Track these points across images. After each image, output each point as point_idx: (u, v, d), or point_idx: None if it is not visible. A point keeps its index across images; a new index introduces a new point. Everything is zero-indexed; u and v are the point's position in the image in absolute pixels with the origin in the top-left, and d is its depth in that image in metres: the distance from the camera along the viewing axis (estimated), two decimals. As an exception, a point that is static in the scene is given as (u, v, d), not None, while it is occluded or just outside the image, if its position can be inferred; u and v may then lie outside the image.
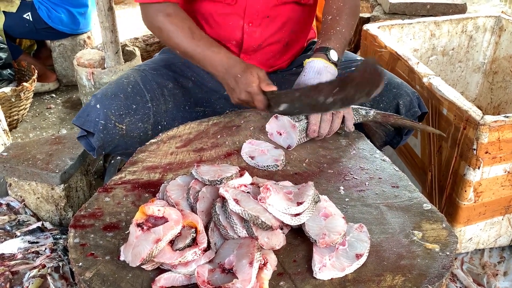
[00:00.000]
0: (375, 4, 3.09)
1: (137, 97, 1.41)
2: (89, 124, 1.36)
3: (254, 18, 1.45)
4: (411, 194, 1.05)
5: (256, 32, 1.47)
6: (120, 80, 1.45)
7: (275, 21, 1.47)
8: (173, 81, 1.51)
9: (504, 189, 1.51)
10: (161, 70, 1.51)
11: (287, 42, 1.54)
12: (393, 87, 1.43)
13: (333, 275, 0.83)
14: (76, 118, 1.39)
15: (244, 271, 0.80)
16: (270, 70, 1.58)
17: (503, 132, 1.39)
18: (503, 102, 2.24)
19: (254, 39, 1.49)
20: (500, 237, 1.64)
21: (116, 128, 1.36)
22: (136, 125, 1.39)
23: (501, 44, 2.23)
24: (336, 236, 0.87)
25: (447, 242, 0.90)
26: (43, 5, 3.03)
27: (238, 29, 1.47)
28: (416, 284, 0.81)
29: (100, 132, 1.35)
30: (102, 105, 1.36)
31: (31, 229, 1.63)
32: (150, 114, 1.42)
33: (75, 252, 0.91)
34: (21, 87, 2.64)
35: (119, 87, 1.41)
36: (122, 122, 1.37)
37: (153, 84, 1.46)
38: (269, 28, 1.48)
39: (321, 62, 1.25)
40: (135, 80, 1.44)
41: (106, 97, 1.38)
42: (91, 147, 1.41)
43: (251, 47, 1.51)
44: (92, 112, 1.36)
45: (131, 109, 1.39)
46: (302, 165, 1.18)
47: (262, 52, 1.53)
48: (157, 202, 0.93)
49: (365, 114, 1.33)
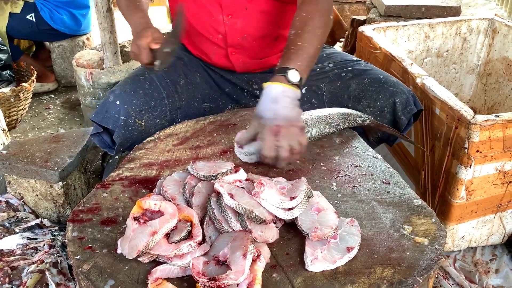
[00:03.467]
0: (371, 6, 3.12)
1: (155, 94, 1.43)
2: (108, 121, 1.38)
3: (233, 10, 1.47)
4: (402, 190, 1.07)
5: (237, 24, 1.49)
6: (136, 76, 1.47)
7: (257, 14, 1.49)
8: (183, 77, 1.54)
9: (496, 187, 1.54)
10: (172, 67, 1.53)
11: (276, 37, 1.55)
12: (390, 86, 1.45)
13: (325, 267, 0.85)
14: (95, 114, 1.40)
15: (237, 263, 0.82)
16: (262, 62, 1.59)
17: (493, 131, 1.42)
18: (497, 103, 2.27)
19: (237, 32, 1.51)
20: (492, 235, 1.66)
21: (136, 124, 1.38)
22: (154, 122, 1.42)
23: (494, 46, 2.26)
24: (328, 230, 0.90)
25: (436, 236, 0.93)
26: (45, 7, 3.05)
27: (220, 23, 1.50)
28: (405, 276, 0.83)
29: (121, 128, 1.37)
30: (122, 101, 1.38)
31: (29, 226, 1.65)
32: (167, 111, 1.45)
33: (73, 246, 0.93)
34: (20, 88, 2.66)
35: (137, 84, 1.43)
36: (142, 118, 1.39)
37: (168, 81, 1.49)
38: (250, 21, 1.49)
39: (279, 87, 1.16)
40: (151, 77, 1.47)
41: (125, 93, 1.39)
42: (105, 144, 1.43)
43: (235, 40, 1.53)
44: (111, 109, 1.38)
45: (150, 105, 1.41)
46: (296, 162, 1.20)
47: (249, 46, 1.54)
48: (154, 197, 0.96)
49: (361, 122, 1.36)
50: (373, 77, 1.48)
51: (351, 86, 1.48)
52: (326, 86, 1.52)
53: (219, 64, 1.61)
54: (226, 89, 1.61)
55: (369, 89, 1.46)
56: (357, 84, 1.48)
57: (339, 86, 1.50)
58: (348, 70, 1.53)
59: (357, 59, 1.61)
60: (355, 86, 1.48)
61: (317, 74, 1.55)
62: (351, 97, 1.47)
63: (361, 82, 1.48)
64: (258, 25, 1.51)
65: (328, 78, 1.53)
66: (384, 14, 2.88)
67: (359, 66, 1.54)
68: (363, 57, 2.13)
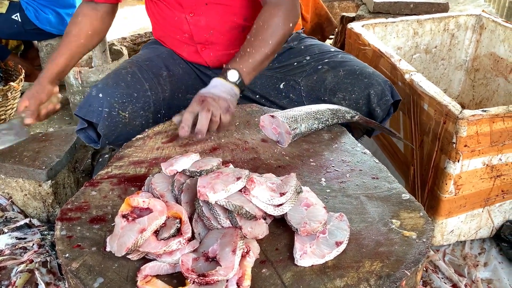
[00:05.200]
0: (360, 3, 3.14)
1: (137, 86, 1.43)
2: (92, 114, 1.38)
3: (193, 7, 1.48)
4: (391, 185, 1.08)
5: (201, 21, 1.50)
6: (118, 71, 1.47)
7: (216, 8, 1.48)
8: (165, 70, 1.54)
9: (483, 181, 1.55)
10: (153, 60, 1.54)
11: (244, 28, 1.54)
12: (365, 77, 1.44)
13: (314, 262, 0.86)
14: (78, 109, 1.41)
15: (227, 259, 0.82)
16: None
17: (481, 126, 1.43)
18: (485, 98, 2.29)
19: (202, 29, 1.51)
20: (480, 229, 1.68)
21: (120, 116, 1.38)
22: (138, 113, 1.42)
23: (482, 42, 2.28)
24: (317, 225, 0.90)
25: (423, 229, 0.94)
26: (30, 6, 3.01)
27: (184, 22, 1.50)
28: (393, 269, 0.84)
29: (105, 120, 1.37)
30: (104, 94, 1.38)
31: (18, 226, 1.64)
32: (151, 103, 1.45)
33: (62, 244, 0.93)
34: (8, 87, 2.63)
35: (119, 77, 1.44)
36: (125, 110, 1.39)
37: (150, 74, 1.49)
38: (213, 16, 1.49)
39: (219, 80, 1.28)
40: (133, 70, 1.47)
41: (108, 86, 1.40)
42: (90, 139, 1.42)
43: (202, 37, 1.53)
44: (95, 102, 1.38)
45: (132, 97, 1.41)
46: (285, 158, 1.21)
47: (217, 41, 1.54)
48: (143, 194, 0.95)
49: (350, 119, 1.36)
50: (348, 69, 1.47)
51: (327, 79, 1.48)
52: (304, 80, 1.52)
53: (192, 60, 1.62)
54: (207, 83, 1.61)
55: (344, 81, 1.45)
56: (333, 76, 1.47)
57: (316, 80, 1.50)
58: (324, 62, 1.52)
59: (336, 50, 1.60)
60: (331, 78, 1.47)
61: (295, 68, 1.55)
62: (327, 90, 1.47)
63: (336, 75, 1.47)
64: (222, 19, 1.50)
65: (305, 72, 1.53)
66: (373, 11, 2.90)
67: (335, 58, 1.53)
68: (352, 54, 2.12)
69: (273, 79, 1.59)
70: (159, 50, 1.62)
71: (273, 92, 1.57)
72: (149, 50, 1.64)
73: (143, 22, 4.41)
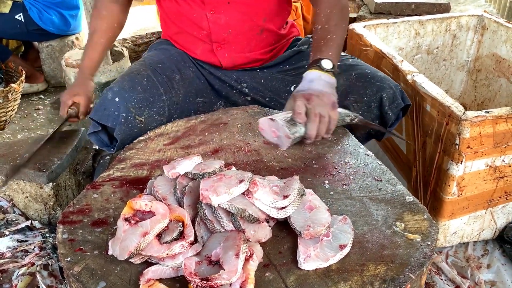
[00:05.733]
0: (361, 4, 3.13)
1: (153, 90, 1.42)
2: (108, 118, 1.36)
3: (215, 5, 1.47)
4: (394, 187, 1.07)
5: (221, 19, 1.49)
6: (133, 74, 1.45)
7: (240, 7, 1.48)
8: (178, 73, 1.53)
9: (486, 183, 1.54)
10: (165, 63, 1.53)
11: (262, 30, 1.54)
12: (377, 81, 1.45)
13: (318, 266, 0.85)
14: (94, 112, 1.39)
15: (230, 263, 0.81)
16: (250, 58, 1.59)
17: (484, 127, 1.42)
18: (487, 99, 2.29)
19: (221, 27, 1.50)
20: (483, 231, 1.67)
21: (136, 121, 1.37)
22: (153, 118, 1.40)
23: (483, 42, 2.27)
24: (320, 228, 0.90)
25: (428, 232, 0.93)
26: (34, 7, 3.01)
27: (203, 19, 1.49)
28: (398, 272, 0.83)
29: (122, 125, 1.35)
30: (121, 98, 1.36)
31: (19, 228, 1.63)
32: (165, 107, 1.44)
33: (64, 248, 0.92)
34: (9, 88, 2.63)
35: (135, 80, 1.42)
36: (141, 115, 1.38)
37: (164, 77, 1.48)
38: (234, 15, 1.49)
39: (315, 73, 1.28)
40: (147, 73, 1.46)
41: (124, 90, 1.38)
42: (102, 143, 1.41)
43: (220, 36, 1.52)
44: (110, 106, 1.36)
45: (148, 101, 1.40)
46: (288, 161, 1.20)
47: (235, 40, 1.54)
48: (145, 197, 0.95)
49: (350, 121, 1.35)
50: (360, 72, 1.47)
51: (338, 82, 1.47)
52: None
53: (205, 59, 1.60)
54: (216, 86, 1.61)
55: (356, 84, 1.46)
56: (344, 79, 1.47)
57: None
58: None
59: (345, 55, 1.61)
60: (342, 81, 1.47)
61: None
62: (338, 93, 1.46)
63: (348, 78, 1.47)
64: (242, 19, 1.50)
65: None
66: (375, 12, 2.89)
67: (346, 62, 1.54)
68: (353, 55, 2.12)
69: (284, 82, 1.59)
70: (169, 52, 1.60)
71: (284, 94, 1.57)
72: (159, 52, 1.62)
73: (143, 23, 4.41)
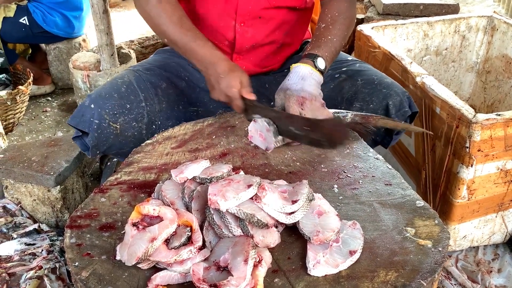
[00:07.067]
0: (369, 5, 3.11)
1: (131, 97, 1.42)
2: (84, 124, 1.37)
3: (246, 18, 1.46)
4: (404, 191, 1.06)
5: (249, 33, 1.48)
6: (114, 80, 1.46)
7: (269, 22, 1.48)
8: (166, 81, 1.52)
9: (497, 186, 1.52)
10: (155, 70, 1.52)
11: (281, 44, 1.55)
12: (383, 88, 1.41)
13: (327, 272, 0.84)
14: (71, 118, 1.40)
15: (239, 269, 0.81)
16: (263, 70, 1.59)
17: (495, 130, 1.40)
18: (496, 101, 2.26)
19: (246, 40, 1.49)
20: (494, 235, 1.65)
21: (111, 127, 1.37)
22: (130, 125, 1.40)
23: (493, 43, 2.25)
24: (330, 233, 0.88)
25: (439, 238, 0.91)
26: (38, 9, 3.03)
27: (230, 29, 1.48)
28: (409, 279, 0.82)
29: (94, 131, 1.36)
30: (96, 104, 1.37)
31: (27, 231, 1.63)
32: (144, 114, 1.43)
33: (72, 252, 0.92)
34: (17, 91, 2.65)
35: (113, 87, 1.42)
36: (116, 121, 1.38)
37: (147, 84, 1.47)
38: (262, 29, 1.48)
39: (307, 68, 1.27)
40: (129, 80, 1.45)
41: (100, 97, 1.39)
42: (86, 147, 1.41)
43: (244, 48, 1.51)
44: (87, 112, 1.37)
45: (125, 108, 1.40)
46: (296, 164, 1.19)
47: (255, 52, 1.53)
48: (153, 202, 0.94)
49: (342, 118, 1.31)
50: (366, 79, 1.45)
51: (344, 88, 1.46)
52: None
53: None
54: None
55: (362, 91, 1.43)
56: (350, 85, 1.45)
57: (333, 89, 1.48)
58: (342, 71, 1.51)
59: (353, 59, 1.59)
60: (348, 87, 1.45)
61: None
62: (344, 99, 1.45)
63: (354, 84, 1.45)
64: (266, 34, 1.50)
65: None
66: (382, 13, 2.87)
67: (353, 67, 1.51)
68: (362, 56, 2.11)
69: None
70: (168, 59, 1.59)
71: None
72: (157, 58, 1.61)
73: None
